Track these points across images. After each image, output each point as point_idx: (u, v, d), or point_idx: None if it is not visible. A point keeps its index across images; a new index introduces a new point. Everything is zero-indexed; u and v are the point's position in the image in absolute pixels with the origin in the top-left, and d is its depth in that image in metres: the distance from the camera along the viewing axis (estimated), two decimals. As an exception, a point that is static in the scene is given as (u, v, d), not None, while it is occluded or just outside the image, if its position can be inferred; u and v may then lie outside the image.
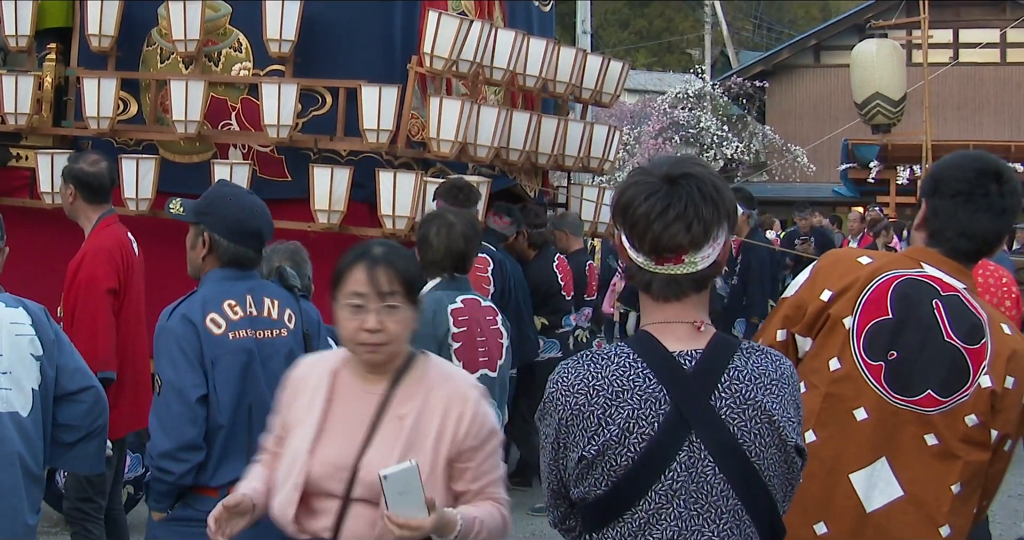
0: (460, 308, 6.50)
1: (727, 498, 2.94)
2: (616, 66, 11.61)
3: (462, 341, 6.45)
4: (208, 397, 5.04)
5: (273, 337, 5.26)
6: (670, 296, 3.02)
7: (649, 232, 2.94)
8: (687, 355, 2.99)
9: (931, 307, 3.77)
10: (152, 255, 7.55)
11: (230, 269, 5.27)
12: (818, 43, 39.02)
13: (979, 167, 3.96)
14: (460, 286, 6.58)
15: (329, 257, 8.61)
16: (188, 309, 5.10)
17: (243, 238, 5.28)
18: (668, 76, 48.66)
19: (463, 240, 6.50)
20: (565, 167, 11.32)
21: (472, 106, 9.35)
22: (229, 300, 5.18)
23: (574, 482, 3.01)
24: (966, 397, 3.74)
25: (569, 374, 3.03)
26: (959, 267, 3.93)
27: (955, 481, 3.79)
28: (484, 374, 6.47)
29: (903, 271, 3.85)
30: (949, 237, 3.91)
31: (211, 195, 5.47)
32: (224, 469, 5.05)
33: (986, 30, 35.71)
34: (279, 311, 5.33)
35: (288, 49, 9.59)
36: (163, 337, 5.09)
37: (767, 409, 2.97)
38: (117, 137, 10.20)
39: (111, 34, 10.12)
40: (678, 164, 3.01)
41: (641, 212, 2.94)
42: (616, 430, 2.92)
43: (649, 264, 2.98)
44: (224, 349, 5.09)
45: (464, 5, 10.58)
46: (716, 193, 2.97)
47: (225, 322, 5.12)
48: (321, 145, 9.52)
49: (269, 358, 5.20)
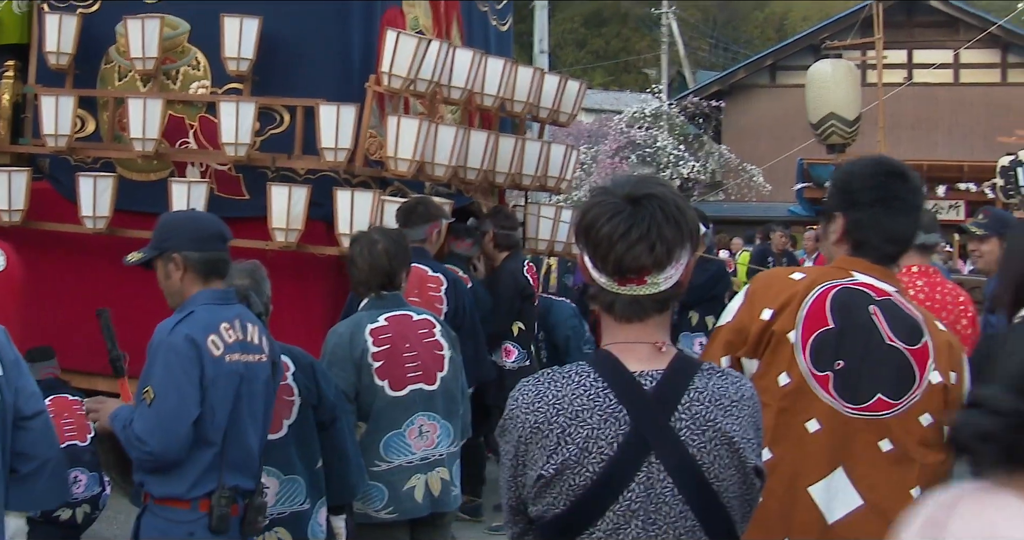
0: (381, 326, 6.51)
1: (685, 519, 2.93)
2: (573, 85, 11.63)
3: (384, 359, 6.45)
4: (201, 416, 5.08)
5: (256, 362, 5.34)
6: (632, 317, 3.01)
7: (612, 253, 2.93)
8: (648, 375, 2.98)
9: (868, 313, 3.78)
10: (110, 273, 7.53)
11: (212, 291, 5.34)
12: (774, 63, 39.25)
13: (886, 171, 3.99)
14: (388, 303, 6.61)
15: (286, 276, 8.71)
16: (191, 329, 5.14)
17: (209, 242, 5.36)
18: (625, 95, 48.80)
19: (386, 257, 6.55)
20: (522, 186, 11.33)
21: (430, 125, 9.35)
22: (224, 323, 5.25)
23: (532, 500, 2.99)
24: (917, 397, 3.76)
25: (529, 392, 3.01)
26: (887, 271, 3.97)
27: (914, 485, 3.80)
28: (419, 389, 6.51)
29: (837, 281, 3.86)
30: (877, 245, 3.93)
31: (161, 225, 5.52)
32: (201, 483, 5.13)
33: (940, 51, 36.02)
34: (259, 336, 5.40)
35: (246, 67, 9.59)
36: (164, 352, 5.12)
37: (726, 431, 2.96)
38: (75, 155, 10.17)
39: (69, 51, 10.12)
40: (641, 184, 3.01)
41: (604, 233, 2.93)
42: (575, 449, 2.90)
43: (612, 285, 2.98)
44: (222, 371, 5.15)
45: (422, 24, 10.60)
46: (679, 213, 2.97)
47: (223, 345, 5.19)
48: (279, 164, 9.51)
49: (252, 381, 5.30)
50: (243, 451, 5.24)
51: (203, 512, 5.12)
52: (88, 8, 10.31)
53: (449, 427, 6.62)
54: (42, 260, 9.54)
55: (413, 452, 6.51)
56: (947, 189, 27.03)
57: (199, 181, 9.59)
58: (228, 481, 5.16)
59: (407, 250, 6.77)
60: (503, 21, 12.26)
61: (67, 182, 10.06)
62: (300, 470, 5.90)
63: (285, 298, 8.35)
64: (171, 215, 5.66)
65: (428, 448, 6.54)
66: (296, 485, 5.89)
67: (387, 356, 6.46)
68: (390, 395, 6.46)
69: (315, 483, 5.97)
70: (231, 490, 5.15)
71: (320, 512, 6.02)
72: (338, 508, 6.22)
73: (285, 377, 5.84)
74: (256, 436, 5.32)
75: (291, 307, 8.62)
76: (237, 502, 5.20)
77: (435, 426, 6.56)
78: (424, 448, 6.53)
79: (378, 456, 6.46)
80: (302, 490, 5.90)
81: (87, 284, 9.92)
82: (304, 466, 5.92)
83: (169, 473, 5.12)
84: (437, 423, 6.56)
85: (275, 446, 5.79)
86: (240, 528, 5.24)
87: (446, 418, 6.60)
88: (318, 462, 5.98)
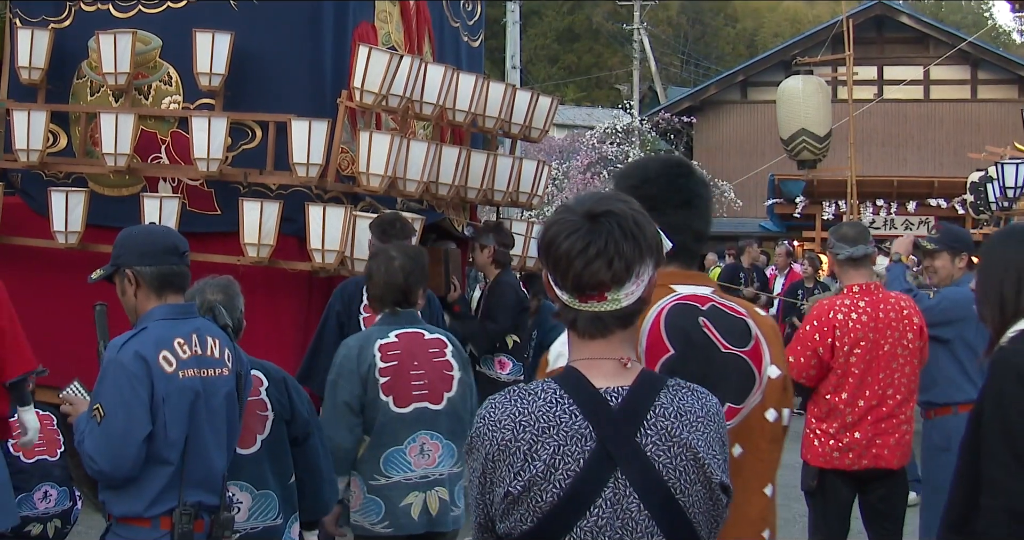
0: (392, 342, 6.53)
1: (652, 535, 2.93)
2: (545, 101, 11.66)
3: (390, 375, 6.47)
4: (154, 434, 5.05)
5: (216, 375, 5.31)
6: (595, 333, 3.02)
7: (571, 270, 2.94)
8: (613, 392, 2.98)
9: (699, 326, 3.69)
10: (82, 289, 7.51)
11: (169, 306, 5.31)
12: (745, 79, 39.40)
13: (679, 172, 3.90)
14: (401, 320, 6.62)
15: (258, 291, 8.71)
16: (141, 345, 5.11)
17: (160, 256, 5.32)
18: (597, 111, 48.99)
19: (402, 274, 6.56)
20: (494, 202, 11.34)
21: (402, 141, 9.37)
22: (179, 338, 5.21)
23: (500, 517, 2.98)
24: (757, 397, 3.74)
25: (496, 409, 3.01)
26: (696, 274, 3.91)
27: (767, 484, 3.81)
28: (424, 407, 6.52)
29: (661, 303, 3.72)
30: (690, 247, 3.86)
31: (117, 241, 5.51)
32: (161, 501, 5.09)
33: (910, 67, 36.20)
34: (220, 350, 5.37)
35: (218, 83, 9.59)
36: (113, 371, 5.08)
37: (692, 446, 2.96)
38: (47, 170, 10.16)
39: (41, 66, 10.11)
40: (600, 201, 3.02)
41: (563, 250, 2.95)
42: (542, 466, 2.90)
43: (573, 302, 2.99)
44: (174, 387, 5.11)
45: (394, 40, 10.62)
46: (637, 229, 2.98)
47: (176, 360, 5.15)
48: (251, 179, 9.50)
49: (212, 396, 5.26)
50: (204, 467, 5.21)
51: (165, 530, 5.09)
52: (60, 23, 10.30)
53: (453, 447, 6.61)
54: (13, 275, 9.50)
55: (412, 469, 6.52)
56: (917, 205, 27.13)
57: (171, 196, 9.57)
58: (190, 498, 5.13)
59: (424, 268, 6.80)
60: (475, 37, 12.29)
61: (39, 197, 10.05)
62: (273, 485, 5.89)
63: (257, 313, 8.36)
64: (126, 231, 5.56)
65: (428, 467, 6.55)
66: (269, 500, 5.88)
67: (394, 372, 6.48)
68: (394, 411, 6.47)
69: (288, 498, 5.96)
70: (193, 506, 5.13)
71: (293, 527, 6.02)
72: (311, 524, 6.23)
73: (258, 392, 5.84)
74: (219, 451, 5.29)
75: (263, 322, 8.62)
76: (202, 518, 5.18)
77: (437, 445, 6.56)
78: (424, 466, 6.54)
79: (377, 470, 6.49)
80: (275, 505, 5.89)
81: (58, 299, 9.89)
82: (277, 481, 5.91)
83: (127, 491, 5.09)
84: (440, 442, 6.55)
85: (248, 461, 5.79)
86: None
87: (450, 438, 6.60)
88: (291, 477, 5.98)
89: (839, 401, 7.38)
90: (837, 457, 7.42)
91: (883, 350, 7.38)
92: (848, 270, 7.56)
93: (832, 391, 7.41)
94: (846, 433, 7.37)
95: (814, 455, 7.51)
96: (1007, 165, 17.43)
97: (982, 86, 38.01)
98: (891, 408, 7.38)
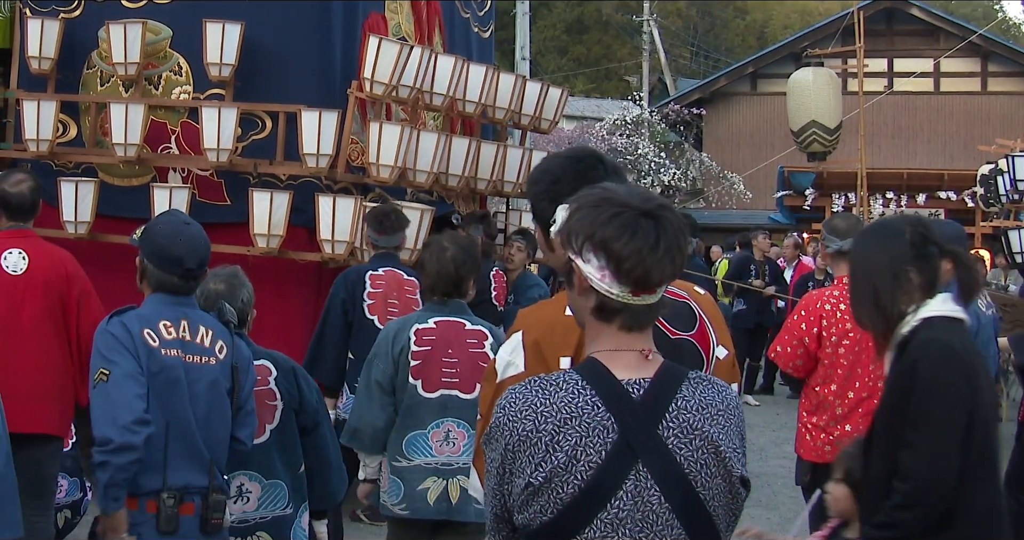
0: (429, 328, 6.58)
1: (672, 528, 2.92)
2: (555, 92, 11.67)
3: (421, 359, 6.52)
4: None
5: (201, 363, 5.35)
6: (634, 326, 3.02)
7: (640, 266, 2.93)
8: (635, 383, 2.98)
9: None
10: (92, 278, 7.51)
11: (165, 294, 5.39)
12: (755, 71, 39.30)
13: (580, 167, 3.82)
14: (445, 309, 6.66)
15: (268, 282, 8.71)
16: (126, 318, 5.23)
17: (164, 264, 5.37)
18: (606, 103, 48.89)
19: (452, 264, 6.58)
20: (504, 193, 11.35)
21: (412, 131, 9.37)
22: (164, 321, 5.29)
23: (518, 508, 2.98)
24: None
25: (517, 400, 3.00)
26: None
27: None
28: (452, 395, 6.54)
29: None
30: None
31: (149, 223, 5.63)
32: (143, 479, 5.13)
33: (920, 60, 36.09)
34: (211, 340, 5.42)
35: (228, 73, 9.60)
36: (103, 337, 5.20)
37: (713, 439, 2.96)
38: (56, 160, 10.17)
39: (51, 56, 10.10)
40: (646, 197, 3.03)
41: (632, 247, 2.93)
42: (564, 457, 2.89)
43: (626, 295, 2.97)
44: (156, 362, 5.19)
45: (404, 30, 10.62)
46: (683, 223, 3.02)
47: (159, 339, 5.23)
48: (261, 169, 9.52)
49: (195, 382, 5.30)
50: (189, 448, 5.25)
51: (151, 513, 5.15)
52: (71, 13, 10.30)
53: None
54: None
55: (434, 455, 6.55)
56: (927, 198, 27.14)
57: (181, 186, 9.58)
58: (176, 480, 5.19)
59: (476, 258, 6.81)
60: (485, 28, 12.29)
61: (49, 187, 10.02)
62: (282, 474, 5.90)
63: (266, 303, 8.34)
64: (159, 218, 5.68)
65: (452, 454, 6.55)
66: (279, 489, 5.89)
67: (425, 357, 6.52)
68: (421, 395, 6.52)
69: (298, 488, 5.97)
70: (180, 489, 5.18)
71: (303, 517, 6.02)
72: (320, 513, 6.24)
73: (267, 381, 5.86)
74: (206, 434, 5.31)
75: (272, 312, 8.61)
76: (193, 501, 5.22)
77: (463, 434, 6.54)
78: (449, 453, 6.55)
79: (400, 452, 6.54)
80: (284, 495, 5.90)
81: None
82: (287, 471, 5.92)
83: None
84: (466, 432, 6.53)
85: (257, 451, 5.80)
86: (200, 527, 5.25)
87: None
88: (301, 467, 5.99)
89: (828, 393, 7.33)
90: (829, 451, 7.30)
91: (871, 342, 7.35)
92: (840, 262, 7.52)
93: (821, 383, 7.36)
94: (836, 426, 7.31)
95: (807, 450, 7.47)
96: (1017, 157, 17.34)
97: (992, 79, 37.91)
98: None
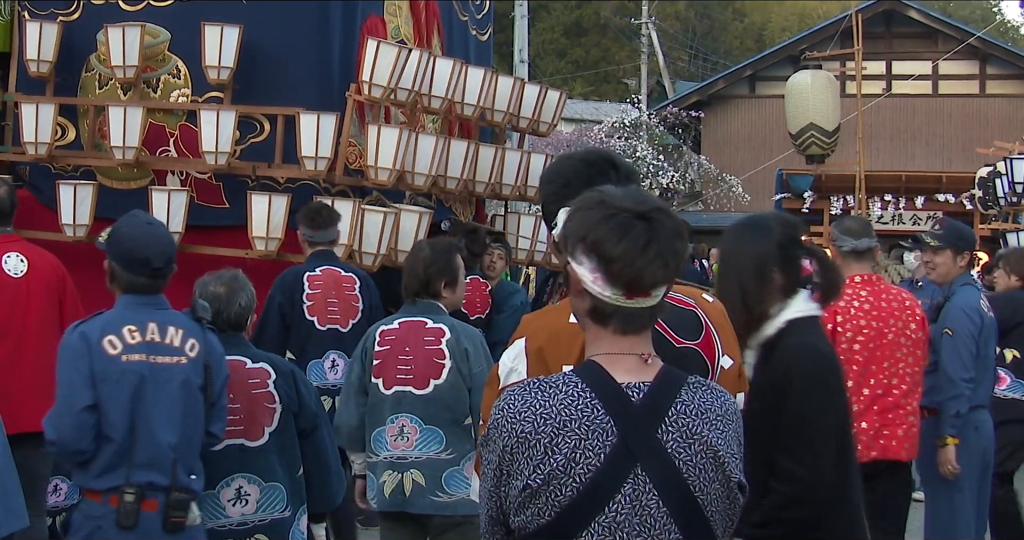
0: (392, 329, 6.79)
1: (669, 532, 2.92)
2: (553, 95, 11.67)
3: (381, 359, 6.74)
4: (96, 408, 5.34)
5: (172, 364, 5.48)
6: (629, 329, 3.02)
7: (630, 269, 2.93)
8: (635, 387, 2.98)
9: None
10: (90, 282, 7.53)
11: (135, 295, 5.55)
12: (753, 74, 39.33)
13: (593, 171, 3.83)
14: (415, 309, 6.85)
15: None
16: (89, 328, 5.44)
17: (131, 265, 5.53)
18: (605, 105, 48.85)
19: (422, 265, 6.80)
20: (502, 196, 11.35)
21: (410, 134, 9.37)
22: (130, 325, 5.45)
23: (515, 510, 2.97)
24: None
25: (515, 401, 2.99)
26: None
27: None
28: (406, 391, 6.68)
29: None
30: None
31: (114, 226, 5.75)
32: (107, 477, 5.35)
33: (918, 62, 36.16)
34: (182, 340, 5.54)
35: (227, 76, 9.59)
36: (62, 350, 5.44)
37: (712, 444, 2.96)
38: (55, 163, 10.16)
39: (50, 59, 10.10)
40: (642, 199, 3.03)
41: (621, 250, 2.93)
42: (562, 459, 2.89)
43: (619, 298, 2.97)
44: (115, 369, 5.37)
45: (403, 33, 10.62)
46: (680, 226, 3.02)
47: (122, 345, 5.41)
48: (259, 172, 9.51)
49: (166, 383, 5.46)
50: (153, 449, 5.39)
51: (112, 506, 5.32)
52: (69, 16, 10.29)
53: (439, 433, 6.70)
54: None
55: (389, 449, 6.69)
56: (925, 200, 27.09)
57: (179, 189, 9.58)
58: (140, 478, 5.35)
59: (450, 262, 6.94)
60: (483, 31, 12.29)
61: (47, 190, 10.05)
62: (281, 477, 5.93)
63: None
64: (124, 219, 5.78)
65: (406, 449, 6.68)
66: (277, 492, 5.92)
67: (385, 356, 6.72)
68: (381, 393, 6.71)
69: (296, 491, 6.00)
70: (142, 486, 5.34)
71: (301, 520, 6.05)
72: (319, 516, 6.26)
73: (266, 384, 5.92)
74: (170, 434, 5.43)
75: (271, 315, 8.64)
76: (156, 498, 5.37)
77: (416, 429, 6.68)
78: (403, 448, 6.67)
79: (370, 448, 6.77)
80: (283, 497, 5.93)
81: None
82: (285, 473, 5.95)
83: (84, 466, 5.38)
84: (419, 427, 6.67)
85: (256, 453, 5.87)
86: (162, 524, 5.39)
87: (433, 423, 6.69)
88: (299, 470, 6.02)
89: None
90: None
91: (886, 339, 7.33)
92: (851, 262, 7.52)
93: None
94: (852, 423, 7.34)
95: None
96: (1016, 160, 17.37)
97: (991, 81, 37.93)
98: (896, 398, 7.33)
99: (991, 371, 8.24)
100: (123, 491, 5.31)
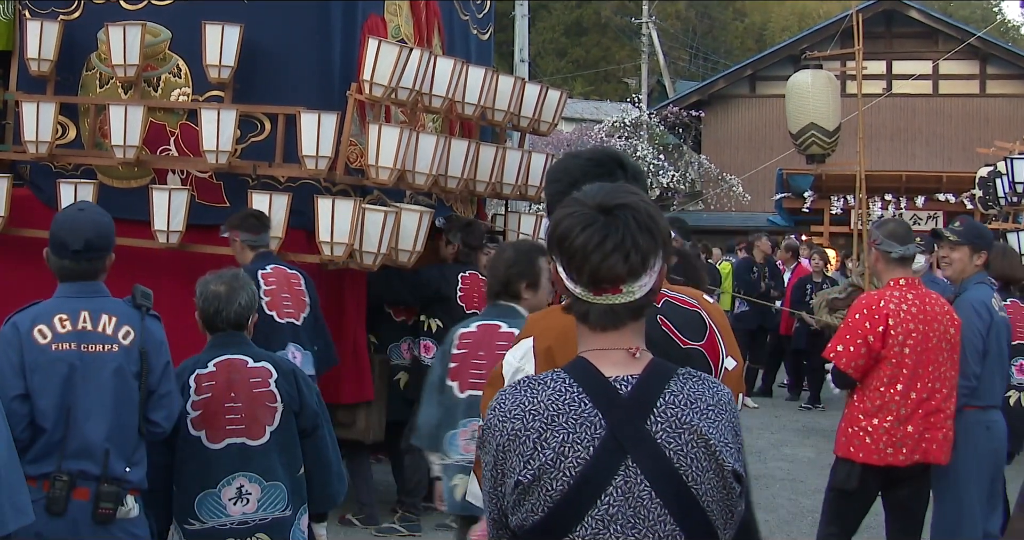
0: (469, 332, 6.88)
1: (664, 523, 2.90)
2: (554, 95, 11.66)
3: (458, 362, 6.81)
4: (28, 398, 5.41)
5: (103, 351, 5.54)
6: (607, 325, 3.00)
7: (587, 264, 2.92)
8: (623, 380, 2.97)
9: (658, 325, 3.67)
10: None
11: (71, 284, 5.63)
12: (754, 73, 39.35)
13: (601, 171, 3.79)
14: (492, 312, 6.85)
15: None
16: (20, 318, 5.53)
17: (55, 249, 5.64)
18: (605, 105, 48.88)
19: (504, 265, 6.73)
20: (503, 195, 11.34)
21: (411, 134, 9.36)
22: (61, 315, 5.53)
23: (511, 509, 2.97)
24: None
25: (506, 400, 3.00)
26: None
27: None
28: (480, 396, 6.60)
29: None
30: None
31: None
32: (39, 463, 5.40)
33: (919, 62, 36.15)
34: (115, 328, 5.58)
35: (227, 75, 9.59)
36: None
37: (703, 433, 2.94)
38: (56, 162, 10.15)
39: (50, 58, 10.09)
40: (612, 194, 3.00)
41: (578, 244, 2.93)
42: (551, 453, 2.89)
43: (587, 295, 2.97)
44: (45, 358, 5.45)
45: (404, 33, 10.61)
46: (652, 221, 2.96)
47: (52, 334, 5.49)
48: (260, 171, 9.50)
49: (97, 371, 5.52)
50: (81, 438, 5.45)
51: (44, 492, 5.38)
52: (70, 15, 10.29)
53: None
54: (22, 267, 9.51)
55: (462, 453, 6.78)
56: (925, 200, 27.14)
57: (180, 188, 9.57)
58: (72, 466, 5.42)
59: (533, 263, 6.71)
60: (484, 30, 12.28)
61: (48, 189, 10.04)
62: (282, 476, 5.93)
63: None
64: (62, 210, 6.00)
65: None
66: (278, 491, 5.91)
67: (461, 359, 6.86)
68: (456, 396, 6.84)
69: (297, 490, 6.00)
70: (74, 475, 5.41)
71: (302, 519, 6.04)
72: (320, 515, 6.25)
73: (267, 383, 5.91)
74: (100, 423, 5.48)
75: (272, 314, 8.65)
76: (87, 488, 5.44)
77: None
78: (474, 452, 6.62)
79: (443, 450, 6.87)
80: (284, 497, 5.93)
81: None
82: (286, 473, 5.95)
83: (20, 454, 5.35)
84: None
85: (257, 452, 5.86)
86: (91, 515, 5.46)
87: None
88: (300, 469, 6.02)
89: (894, 393, 7.32)
90: (891, 453, 7.35)
91: (932, 343, 7.34)
92: (895, 267, 7.53)
93: (886, 383, 7.35)
94: (900, 427, 7.30)
95: (867, 453, 7.41)
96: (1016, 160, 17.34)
97: (991, 81, 37.95)
98: (939, 402, 7.36)
99: (1003, 370, 8.20)
100: (54, 478, 5.38)
